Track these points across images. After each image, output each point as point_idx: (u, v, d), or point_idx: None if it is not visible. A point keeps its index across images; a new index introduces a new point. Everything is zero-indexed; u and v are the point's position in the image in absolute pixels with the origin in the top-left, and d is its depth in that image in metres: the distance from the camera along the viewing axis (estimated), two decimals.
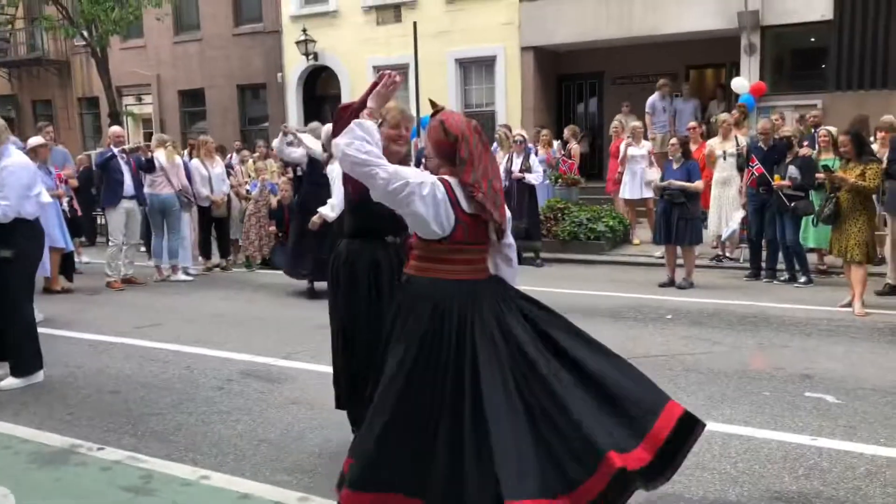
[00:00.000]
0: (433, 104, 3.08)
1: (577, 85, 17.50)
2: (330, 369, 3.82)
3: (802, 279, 8.49)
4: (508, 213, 3.00)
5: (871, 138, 8.93)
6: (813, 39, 13.76)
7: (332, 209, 6.49)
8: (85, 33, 17.61)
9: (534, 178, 10.16)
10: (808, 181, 8.10)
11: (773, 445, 4.02)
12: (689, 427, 2.75)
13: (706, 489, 3.53)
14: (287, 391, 5.12)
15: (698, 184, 8.40)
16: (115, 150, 9.31)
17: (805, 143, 8.98)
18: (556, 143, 12.41)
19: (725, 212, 9.62)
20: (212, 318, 7.52)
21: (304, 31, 17.57)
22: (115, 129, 10.09)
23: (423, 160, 3.08)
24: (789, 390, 4.90)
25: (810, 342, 6.11)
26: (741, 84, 13.36)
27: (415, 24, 13.94)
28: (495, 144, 10.82)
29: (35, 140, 8.79)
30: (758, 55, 13.65)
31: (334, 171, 5.62)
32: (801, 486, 3.55)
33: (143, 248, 10.53)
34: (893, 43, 12.82)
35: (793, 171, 8.18)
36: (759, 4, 13.38)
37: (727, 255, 10.15)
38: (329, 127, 5.41)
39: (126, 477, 3.74)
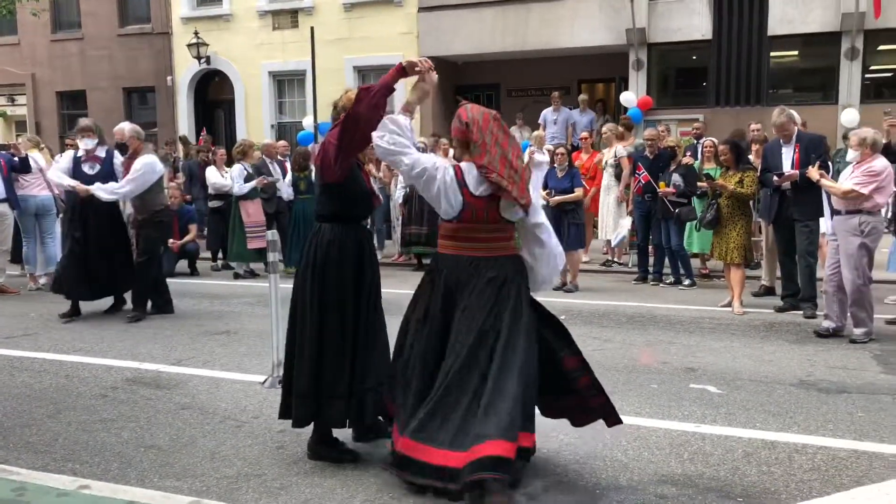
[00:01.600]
0: (458, 100, 3.62)
1: (474, 96, 17.69)
2: (223, 374, 3.73)
3: (687, 282, 8.95)
4: (536, 196, 3.36)
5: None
6: (695, 57, 14.61)
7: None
8: None
9: None
10: (690, 188, 8.55)
11: (661, 433, 4.21)
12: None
13: (598, 477, 3.66)
14: (177, 397, 4.95)
15: (578, 192, 8.70)
16: None
17: (688, 153, 9.49)
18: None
19: (611, 218, 10.05)
20: (94, 327, 7.15)
21: (196, 33, 17.07)
22: None
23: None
24: (675, 383, 5.15)
25: (694, 339, 6.44)
26: (629, 98, 13.98)
27: (312, 29, 13.79)
28: None
29: None
30: (645, 71, 14.34)
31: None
32: (686, 469, 3.74)
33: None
34: (766, 63, 13.80)
35: (676, 178, 8.62)
36: (646, 22, 14.08)
37: (616, 260, 10.57)
38: None
39: None
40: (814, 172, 6.55)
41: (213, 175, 10.80)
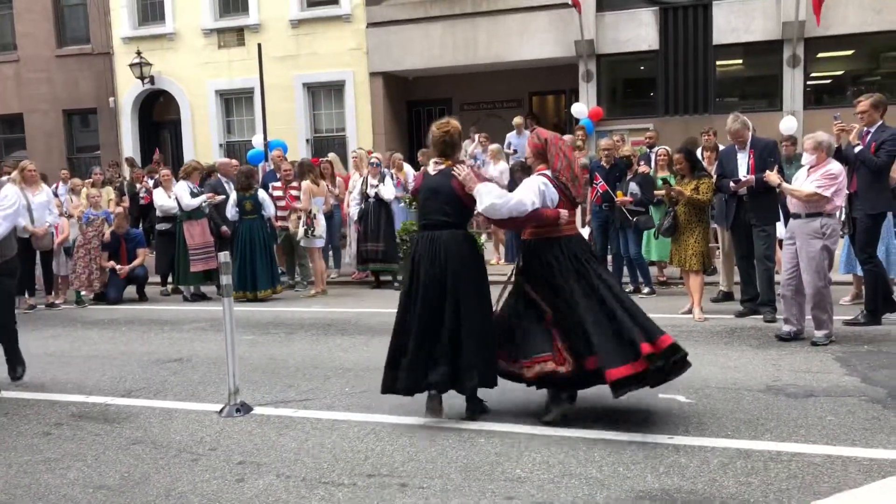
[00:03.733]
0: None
1: (426, 111, 17.69)
2: (177, 404, 3.58)
3: (646, 290, 8.97)
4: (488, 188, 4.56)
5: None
6: (643, 68, 14.84)
7: None
8: None
9: (386, 191, 10.15)
10: (647, 197, 8.59)
11: (634, 447, 4.12)
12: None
13: (574, 494, 3.54)
14: (128, 431, 4.70)
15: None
16: None
17: (642, 163, 9.55)
18: (407, 167, 12.43)
19: None
20: (36, 359, 6.76)
21: (139, 53, 16.71)
22: None
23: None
24: (642, 394, 5.02)
25: None
26: (580, 109, 14.11)
27: (259, 46, 13.56)
28: (351, 167, 10.69)
29: None
30: (594, 82, 14.48)
31: None
32: (662, 483, 3.65)
33: None
34: (712, 72, 14.06)
35: (633, 187, 8.65)
36: (594, 34, 14.23)
37: None
38: None
39: None
40: (773, 177, 6.61)
41: (159, 197, 10.49)
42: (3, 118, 19.04)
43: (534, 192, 4.53)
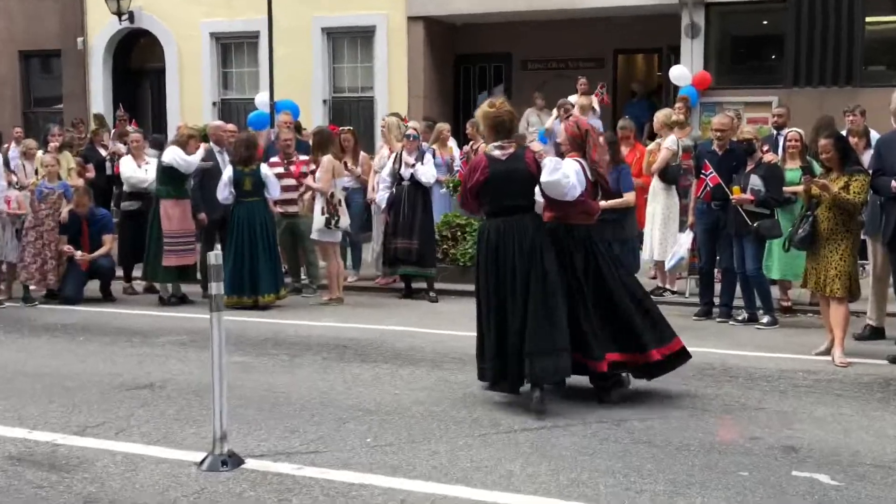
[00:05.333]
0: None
1: (478, 69, 17.56)
2: (145, 449, 4.43)
3: (765, 319, 8.64)
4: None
5: None
6: (766, 22, 14.48)
7: None
8: None
9: (425, 172, 10.01)
10: (774, 195, 8.25)
11: None
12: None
13: None
14: (79, 484, 4.63)
15: (627, 197, 8.39)
16: None
17: (766, 148, 9.17)
18: (452, 142, 12.23)
19: (658, 233, 9.88)
20: None
21: None
22: None
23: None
24: (772, 469, 4.81)
25: (787, 402, 6.13)
26: (681, 74, 13.77)
27: None
28: (379, 142, 10.56)
29: None
30: (701, 38, 14.11)
31: None
32: None
33: None
34: (860, 30, 13.56)
35: (755, 181, 8.31)
36: None
37: (669, 287, 10.25)
38: None
39: None
40: None
41: (127, 167, 10.39)
42: None
43: (579, 179, 5.85)
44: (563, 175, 5.75)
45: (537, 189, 5.94)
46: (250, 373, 6.93)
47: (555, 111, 12.60)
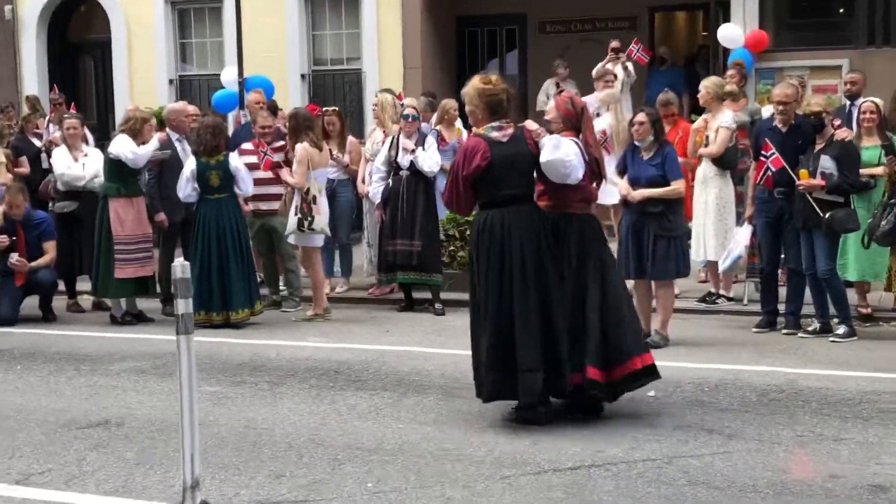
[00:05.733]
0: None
1: (487, 33, 17.59)
2: (100, 500, 4.25)
3: (841, 329, 8.64)
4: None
5: None
6: None
7: None
8: None
9: (427, 160, 10.03)
10: (849, 180, 8.25)
11: None
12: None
13: None
14: None
15: (676, 185, 8.38)
16: None
17: (837, 123, 9.16)
18: (459, 123, 12.25)
19: (712, 227, 9.81)
20: None
21: None
22: None
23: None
24: None
25: (872, 431, 6.13)
26: (733, 34, 13.79)
27: None
28: (371, 125, 10.57)
29: None
30: None
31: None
32: None
33: None
34: None
35: (827, 163, 8.32)
36: None
37: (723, 292, 10.25)
38: None
39: None
40: None
41: (60, 160, 10.41)
42: None
43: (579, 160, 6.17)
44: (566, 154, 6.09)
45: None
46: (225, 405, 6.95)
47: (599, 83, 12.04)
